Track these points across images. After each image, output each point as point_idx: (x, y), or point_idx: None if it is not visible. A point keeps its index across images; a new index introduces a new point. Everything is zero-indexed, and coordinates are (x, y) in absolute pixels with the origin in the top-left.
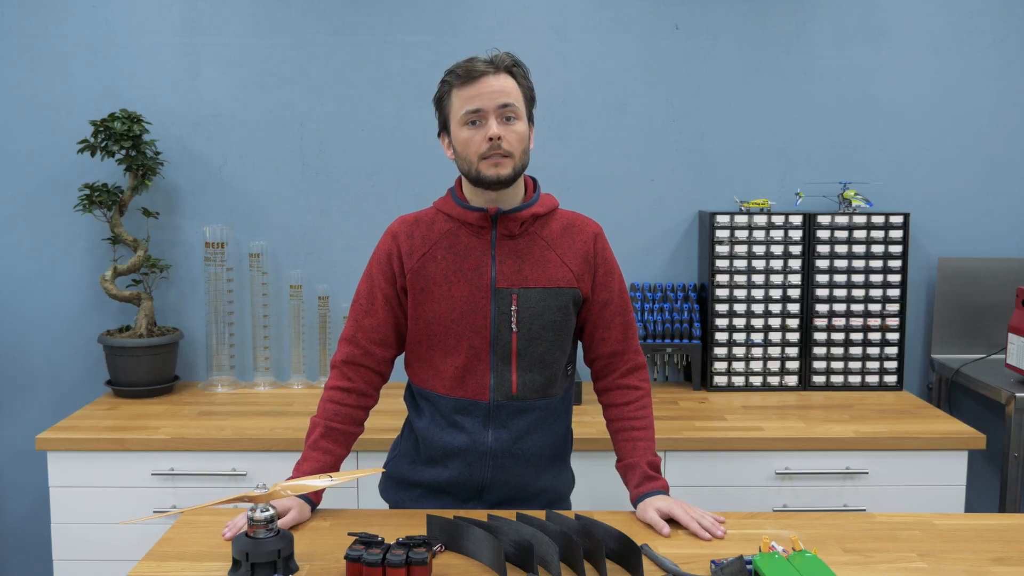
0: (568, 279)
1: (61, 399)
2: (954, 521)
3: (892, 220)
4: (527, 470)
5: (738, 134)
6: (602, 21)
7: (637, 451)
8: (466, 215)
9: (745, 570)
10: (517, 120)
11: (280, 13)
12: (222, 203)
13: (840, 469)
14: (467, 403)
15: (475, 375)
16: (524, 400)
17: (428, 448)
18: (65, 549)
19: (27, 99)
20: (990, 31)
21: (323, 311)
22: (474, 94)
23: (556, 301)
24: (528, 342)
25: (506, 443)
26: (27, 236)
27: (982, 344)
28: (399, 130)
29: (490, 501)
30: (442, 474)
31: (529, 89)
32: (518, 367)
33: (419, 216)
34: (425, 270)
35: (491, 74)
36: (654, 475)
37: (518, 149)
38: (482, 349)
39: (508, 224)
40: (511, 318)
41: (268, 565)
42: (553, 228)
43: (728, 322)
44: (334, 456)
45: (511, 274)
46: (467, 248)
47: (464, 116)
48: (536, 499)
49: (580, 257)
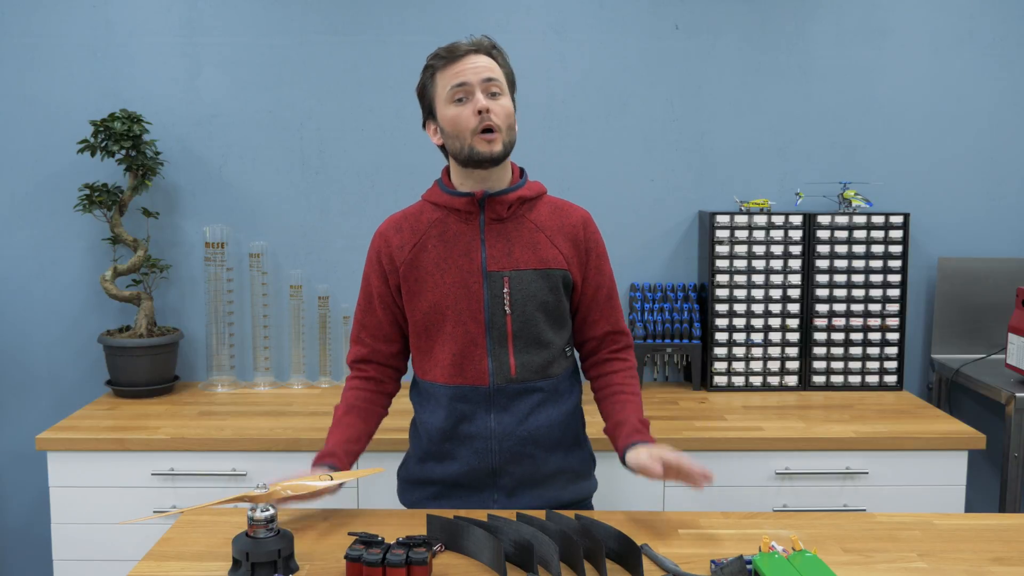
0: (559, 261)
1: (61, 399)
2: (954, 521)
3: (892, 220)
4: (536, 451)
5: (738, 134)
6: (602, 21)
7: (628, 408)
8: (453, 201)
9: (745, 570)
10: (502, 95)
11: (280, 13)
12: (222, 203)
13: (840, 469)
14: (467, 390)
15: (473, 360)
16: (524, 382)
17: (433, 443)
18: (65, 549)
19: (27, 99)
20: (990, 31)
21: (323, 311)
22: (459, 70)
23: (547, 282)
24: (523, 324)
25: (510, 426)
26: (27, 236)
27: (982, 344)
28: (399, 130)
29: (506, 488)
30: (452, 467)
31: (510, 73)
32: (515, 349)
33: (406, 212)
34: (417, 261)
35: (473, 52)
36: (643, 430)
37: (505, 124)
38: (478, 334)
39: (496, 207)
40: (504, 301)
41: (268, 565)
42: (541, 211)
43: (728, 322)
44: (357, 429)
45: (501, 257)
46: (456, 234)
47: (450, 92)
48: (554, 480)
49: (569, 241)
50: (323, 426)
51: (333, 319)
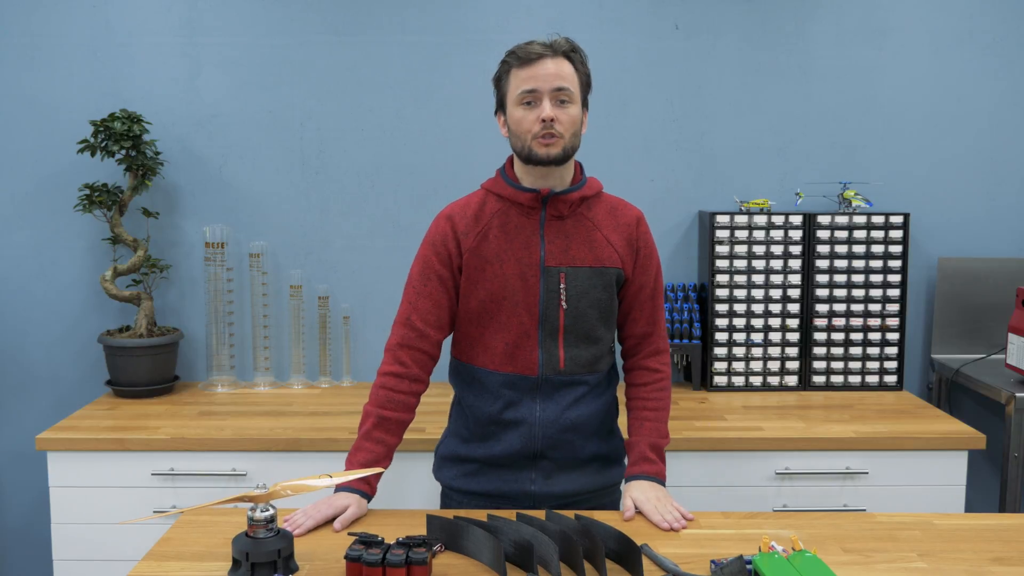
0: (613, 259)
1: (61, 399)
2: (954, 521)
3: (892, 220)
4: (576, 438)
5: (738, 134)
6: (602, 21)
7: (643, 430)
8: (517, 195)
9: (745, 570)
10: (571, 104)
11: (280, 13)
12: (222, 203)
13: (840, 469)
14: (516, 378)
15: (524, 351)
16: (571, 375)
17: (479, 425)
18: (65, 549)
19: (27, 99)
20: (990, 31)
21: (323, 311)
22: (530, 75)
23: (602, 280)
24: (575, 319)
25: (553, 414)
26: (27, 236)
27: (982, 344)
28: (399, 130)
29: (545, 470)
30: (495, 447)
31: (586, 75)
32: (565, 343)
33: (469, 199)
34: (480, 249)
35: (548, 57)
36: (651, 458)
37: (569, 131)
38: (531, 326)
39: (558, 205)
40: (559, 296)
41: (268, 565)
42: (599, 210)
43: (728, 322)
44: (386, 446)
45: (559, 253)
46: (517, 228)
47: (520, 96)
48: (589, 465)
49: (624, 239)
50: (322, 426)
51: (333, 319)
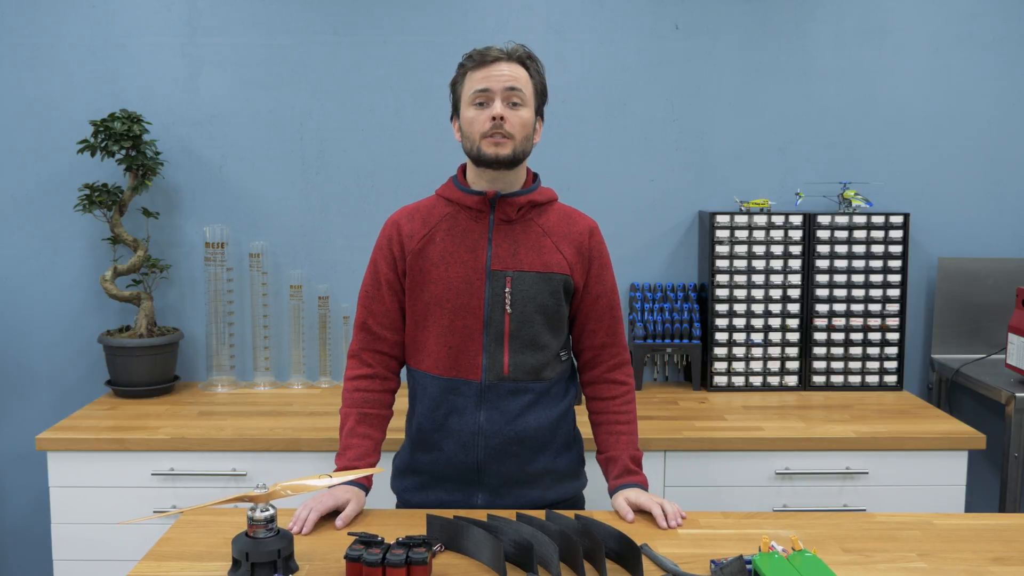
0: (562, 266)
1: (61, 399)
2: (954, 521)
3: (892, 220)
4: (522, 451)
5: (738, 134)
6: (602, 21)
7: (620, 444)
8: (465, 198)
9: (745, 570)
10: (523, 107)
11: (280, 13)
12: (222, 203)
13: (840, 469)
14: (459, 383)
15: (468, 355)
16: (516, 382)
17: (422, 432)
18: (65, 549)
19: (27, 99)
20: (990, 31)
21: (323, 311)
22: (484, 76)
23: (548, 286)
24: (521, 324)
25: (498, 424)
26: (27, 236)
27: (982, 344)
28: (399, 130)
29: (491, 485)
30: (439, 458)
31: (541, 84)
32: (510, 348)
33: (419, 204)
34: (425, 252)
35: (504, 60)
36: (634, 469)
37: (520, 134)
38: (475, 329)
39: (506, 209)
40: (505, 300)
41: (268, 565)
42: (550, 217)
43: (728, 322)
44: (373, 440)
45: (506, 257)
46: (465, 231)
47: (472, 96)
48: (540, 480)
49: (574, 247)
50: (322, 426)
51: (333, 319)
